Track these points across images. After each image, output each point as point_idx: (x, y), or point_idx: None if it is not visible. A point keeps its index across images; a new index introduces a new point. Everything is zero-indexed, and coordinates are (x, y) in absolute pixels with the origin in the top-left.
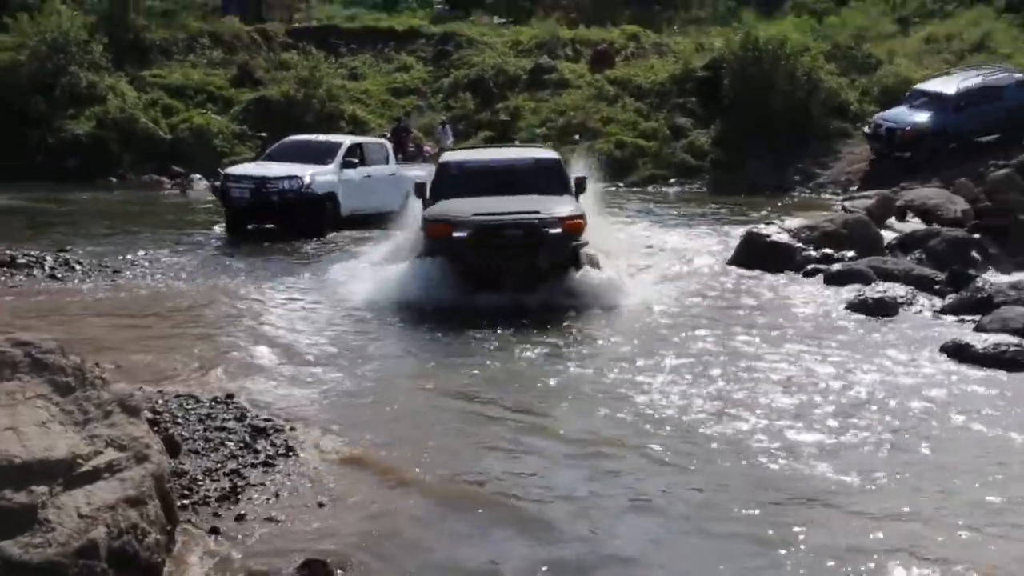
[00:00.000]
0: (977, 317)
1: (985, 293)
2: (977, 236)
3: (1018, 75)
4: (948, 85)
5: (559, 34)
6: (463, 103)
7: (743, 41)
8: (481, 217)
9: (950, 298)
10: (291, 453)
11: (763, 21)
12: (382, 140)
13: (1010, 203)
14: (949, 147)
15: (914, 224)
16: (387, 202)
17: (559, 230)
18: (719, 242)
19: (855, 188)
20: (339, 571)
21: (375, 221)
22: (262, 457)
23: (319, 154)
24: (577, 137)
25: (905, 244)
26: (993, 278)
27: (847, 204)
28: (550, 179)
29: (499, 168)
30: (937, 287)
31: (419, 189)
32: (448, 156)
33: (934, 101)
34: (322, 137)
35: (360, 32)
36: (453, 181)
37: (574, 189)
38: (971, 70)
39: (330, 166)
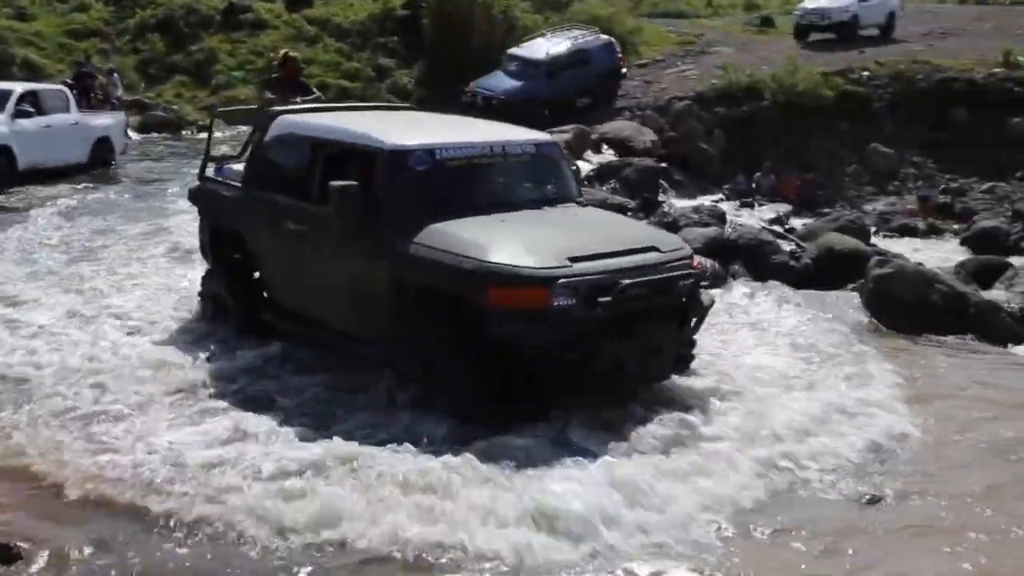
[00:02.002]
0: None
1: (671, 217)
2: (664, 165)
3: (604, 38)
4: (539, 51)
5: None
6: (152, 44)
7: None
8: (586, 263)
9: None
10: None
11: None
12: (61, 87)
13: (691, 132)
14: (544, 112)
15: (609, 156)
16: (71, 154)
17: (692, 280)
18: None
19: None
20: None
21: (58, 175)
22: None
23: None
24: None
25: (601, 175)
26: (678, 203)
27: None
28: (558, 178)
29: (490, 162)
30: (630, 213)
31: (349, 202)
32: (384, 135)
33: (527, 67)
34: None
35: None
36: (419, 187)
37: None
38: (562, 33)
39: (1, 116)
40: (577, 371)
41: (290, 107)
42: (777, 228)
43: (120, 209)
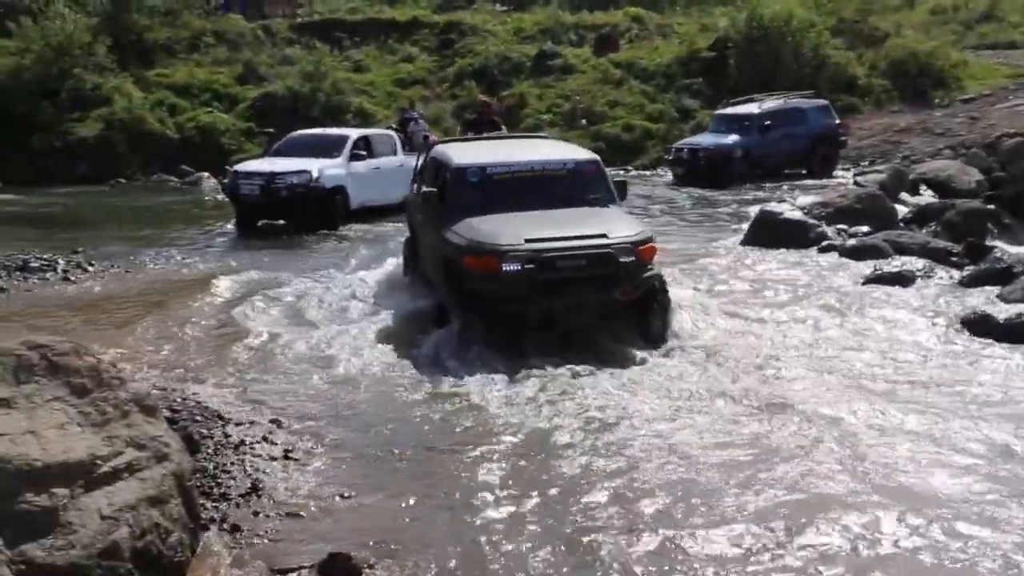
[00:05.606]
0: (997, 288)
1: (1004, 264)
2: (992, 207)
3: (820, 101)
4: (750, 108)
5: (562, 19)
6: (469, 91)
7: (748, 19)
8: (537, 244)
9: (968, 270)
10: (313, 447)
11: None
12: (389, 131)
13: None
14: (754, 171)
15: (928, 197)
16: (396, 194)
17: (632, 258)
18: (733, 222)
19: (867, 163)
20: (366, 567)
21: (385, 212)
22: (280, 451)
23: (327, 148)
24: (584, 122)
25: (920, 217)
26: (1011, 248)
27: (859, 179)
28: (592, 186)
29: (531, 175)
30: (954, 259)
31: (427, 197)
32: (459, 157)
33: (737, 122)
34: (329, 130)
35: (363, 24)
36: (471, 191)
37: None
38: (772, 96)
39: (338, 159)
40: (522, 316)
41: (442, 140)
42: None
43: None
